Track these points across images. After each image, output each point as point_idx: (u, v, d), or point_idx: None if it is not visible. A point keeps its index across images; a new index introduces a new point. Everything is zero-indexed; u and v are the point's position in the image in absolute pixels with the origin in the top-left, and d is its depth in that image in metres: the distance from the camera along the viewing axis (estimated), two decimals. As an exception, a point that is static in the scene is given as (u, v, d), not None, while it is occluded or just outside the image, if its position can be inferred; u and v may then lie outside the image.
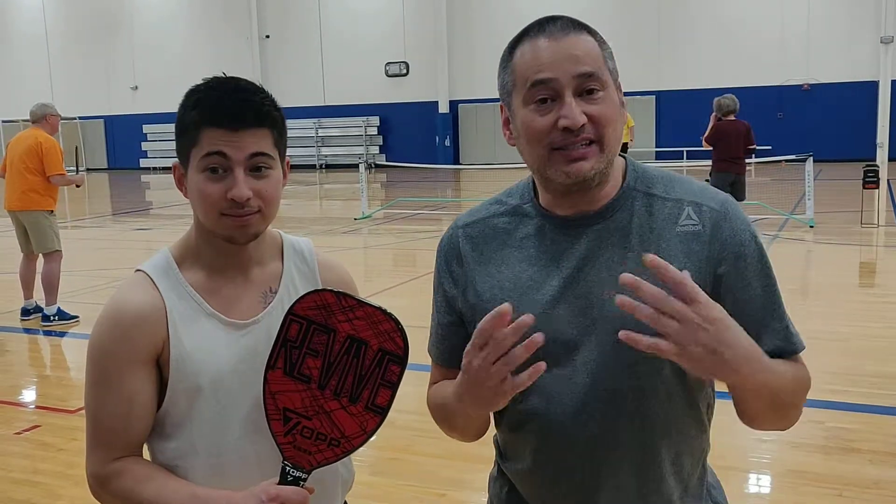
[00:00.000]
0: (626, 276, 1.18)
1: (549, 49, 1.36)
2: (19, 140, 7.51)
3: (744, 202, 10.44)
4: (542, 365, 1.23)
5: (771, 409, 1.37)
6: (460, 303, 1.51)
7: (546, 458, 1.47)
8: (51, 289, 7.46)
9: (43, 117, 7.52)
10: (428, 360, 1.64)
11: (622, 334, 1.17)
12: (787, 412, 1.40)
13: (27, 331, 7.49)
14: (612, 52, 1.42)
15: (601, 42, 1.40)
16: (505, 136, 1.48)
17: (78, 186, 7.97)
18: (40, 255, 7.58)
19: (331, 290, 1.44)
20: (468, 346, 1.27)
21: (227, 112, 1.43)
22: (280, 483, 1.42)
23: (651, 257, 1.18)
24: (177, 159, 1.53)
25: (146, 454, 1.57)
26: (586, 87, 1.35)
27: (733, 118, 10.07)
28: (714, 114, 9.98)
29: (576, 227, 1.42)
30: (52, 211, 7.55)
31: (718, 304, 1.22)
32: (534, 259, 1.44)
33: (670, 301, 1.17)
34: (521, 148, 1.43)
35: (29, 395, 5.79)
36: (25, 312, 7.71)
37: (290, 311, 1.43)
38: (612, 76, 1.40)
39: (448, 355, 1.56)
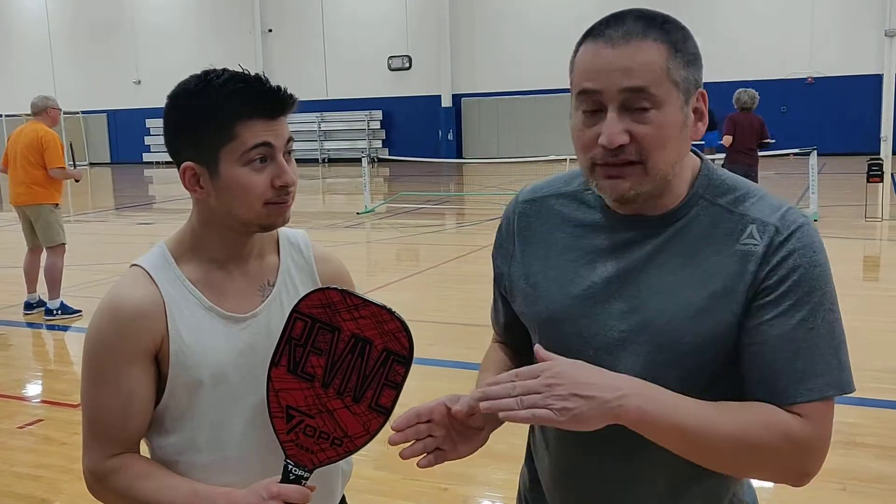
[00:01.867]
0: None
1: (602, 56, 1.25)
2: (20, 134, 7.51)
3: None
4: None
5: (699, 456, 1.25)
6: (506, 280, 1.50)
7: (569, 467, 1.44)
8: (54, 283, 7.47)
9: (44, 110, 7.53)
10: (429, 355, 1.64)
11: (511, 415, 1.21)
12: (729, 466, 1.28)
13: (30, 325, 7.50)
14: (692, 57, 1.29)
15: (675, 48, 1.27)
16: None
17: (77, 181, 7.99)
18: (44, 249, 7.59)
19: (336, 289, 1.43)
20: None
21: (269, 102, 1.44)
22: (282, 481, 1.41)
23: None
24: (190, 162, 1.47)
25: (145, 451, 1.56)
26: (635, 103, 1.24)
27: (749, 112, 10.11)
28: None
29: (634, 227, 1.35)
30: (57, 204, 7.56)
31: (565, 360, 1.23)
32: (584, 250, 1.39)
33: (517, 385, 1.20)
34: (574, 148, 1.35)
35: (32, 390, 5.79)
36: (28, 306, 7.72)
37: (295, 309, 1.42)
38: (679, 88, 1.27)
39: (500, 329, 1.63)
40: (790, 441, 1.25)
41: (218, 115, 1.43)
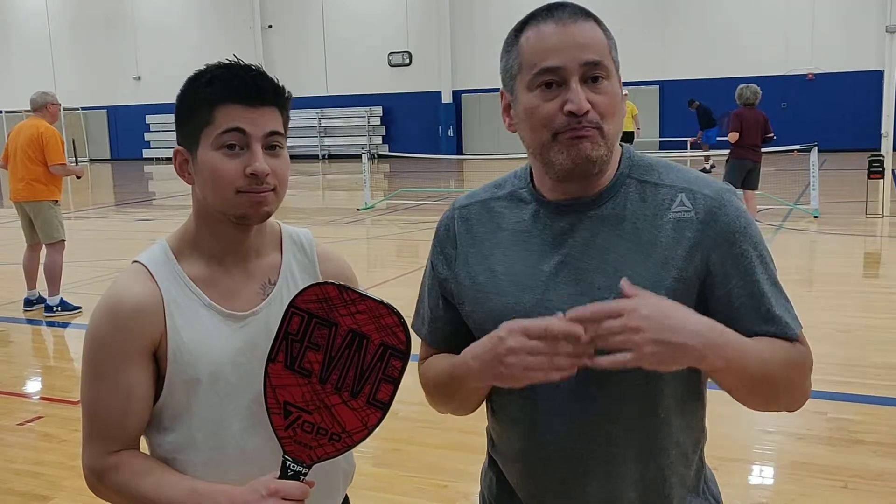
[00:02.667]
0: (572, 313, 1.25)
1: (557, 35, 1.35)
2: (20, 130, 7.50)
3: (753, 192, 10.40)
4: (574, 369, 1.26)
5: (757, 389, 1.37)
6: (452, 284, 1.51)
7: (533, 448, 1.46)
8: (53, 279, 7.46)
9: (43, 106, 7.53)
10: (432, 351, 1.63)
11: (588, 362, 1.24)
12: (777, 393, 1.39)
13: (30, 321, 7.50)
14: (616, 43, 1.42)
15: (607, 32, 1.40)
16: (505, 122, 1.46)
17: (78, 177, 7.98)
18: (44, 245, 7.59)
19: (333, 283, 1.42)
20: (511, 327, 1.28)
21: (246, 88, 1.43)
22: (280, 477, 1.41)
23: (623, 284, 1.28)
24: (180, 146, 1.51)
25: (145, 448, 1.56)
26: (592, 74, 1.35)
27: (752, 107, 10.07)
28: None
29: (570, 213, 1.43)
30: (56, 201, 7.55)
31: (652, 300, 1.26)
32: (527, 243, 1.44)
33: (604, 323, 1.23)
34: (522, 133, 1.42)
35: (32, 386, 5.79)
36: (28, 303, 7.71)
37: (292, 304, 1.41)
38: (615, 66, 1.40)
39: (436, 338, 1.58)
40: (809, 363, 1.42)
41: (199, 99, 1.45)
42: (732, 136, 10.01)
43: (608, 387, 1.38)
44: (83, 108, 31.77)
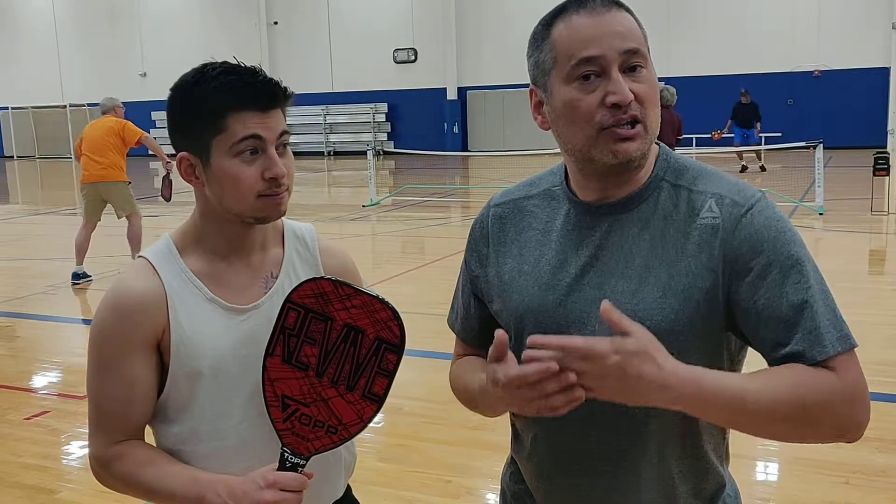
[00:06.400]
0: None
1: (593, 25, 1.31)
2: (95, 126, 8.81)
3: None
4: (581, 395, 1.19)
5: (746, 426, 1.25)
6: (482, 282, 1.51)
7: (546, 450, 1.45)
8: (136, 243, 8.78)
9: (112, 108, 9.11)
10: (433, 347, 1.65)
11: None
12: (793, 430, 1.25)
13: (37, 317, 7.54)
14: (646, 34, 1.39)
15: (639, 22, 1.37)
16: (537, 121, 1.42)
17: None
18: (126, 217, 8.81)
19: (328, 279, 1.44)
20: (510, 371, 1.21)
21: (258, 95, 1.44)
22: (279, 469, 1.43)
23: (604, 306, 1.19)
24: (184, 152, 1.50)
25: (151, 439, 1.58)
26: (631, 63, 1.31)
27: (668, 109, 9.93)
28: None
29: (600, 214, 1.40)
30: (130, 182, 8.89)
31: (619, 353, 1.17)
32: (555, 243, 1.43)
33: (574, 364, 1.17)
34: (559, 130, 1.37)
35: (39, 381, 5.83)
36: (76, 277, 8.42)
37: (288, 300, 1.44)
38: (649, 54, 1.37)
39: (468, 334, 1.59)
40: (837, 393, 1.24)
41: (208, 107, 1.45)
42: None
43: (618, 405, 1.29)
44: (89, 105, 31.80)
